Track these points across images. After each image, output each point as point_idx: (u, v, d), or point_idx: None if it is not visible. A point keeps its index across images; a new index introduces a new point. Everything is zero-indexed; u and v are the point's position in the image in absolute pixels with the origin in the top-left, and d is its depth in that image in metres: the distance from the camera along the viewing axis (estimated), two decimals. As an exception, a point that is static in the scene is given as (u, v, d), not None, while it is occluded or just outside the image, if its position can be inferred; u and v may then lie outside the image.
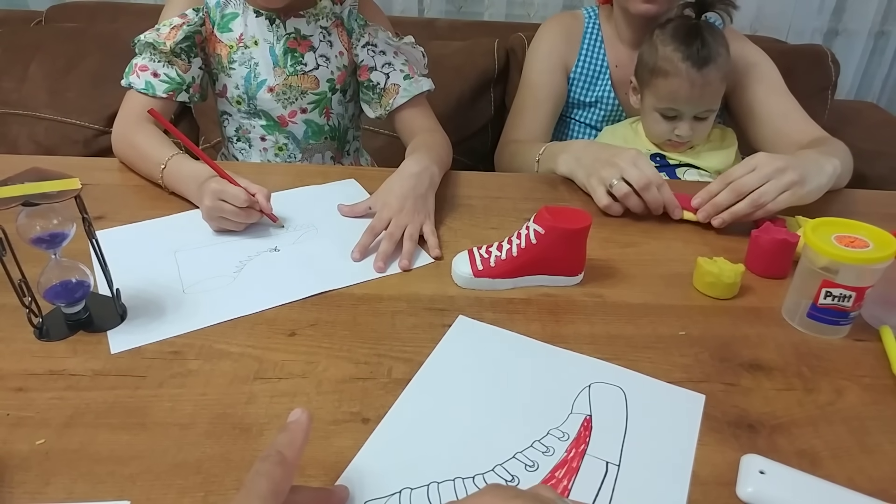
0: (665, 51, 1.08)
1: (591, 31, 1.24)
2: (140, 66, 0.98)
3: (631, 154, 0.88)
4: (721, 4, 1.13)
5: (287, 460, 0.41)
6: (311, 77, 1.05)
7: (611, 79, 1.23)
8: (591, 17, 1.25)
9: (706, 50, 1.06)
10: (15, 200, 0.55)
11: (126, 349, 0.62)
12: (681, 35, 1.08)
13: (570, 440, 0.53)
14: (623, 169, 0.87)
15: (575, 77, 1.25)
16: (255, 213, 0.81)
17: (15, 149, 1.53)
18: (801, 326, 0.69)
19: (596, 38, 1.24)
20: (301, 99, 1.06)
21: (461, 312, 0.68)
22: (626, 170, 0.87)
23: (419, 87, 1.07)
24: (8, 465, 0.49)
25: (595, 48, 1.24)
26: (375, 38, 1.06)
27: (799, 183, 0.82)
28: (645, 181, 0.86)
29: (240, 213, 0.79)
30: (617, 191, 0.87)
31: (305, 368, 0.60)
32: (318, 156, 1.14)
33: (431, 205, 0.85)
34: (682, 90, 1.07)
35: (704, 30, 1.08)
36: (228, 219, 0.79)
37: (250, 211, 0.80)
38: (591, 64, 1.24)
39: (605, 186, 0.89)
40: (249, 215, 0.80)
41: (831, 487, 0.49)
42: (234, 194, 0.78)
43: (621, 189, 0.87)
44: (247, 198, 0.78)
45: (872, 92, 2.14)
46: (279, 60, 1.03)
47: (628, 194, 0.87)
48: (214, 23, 1.02)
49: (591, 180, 0.91)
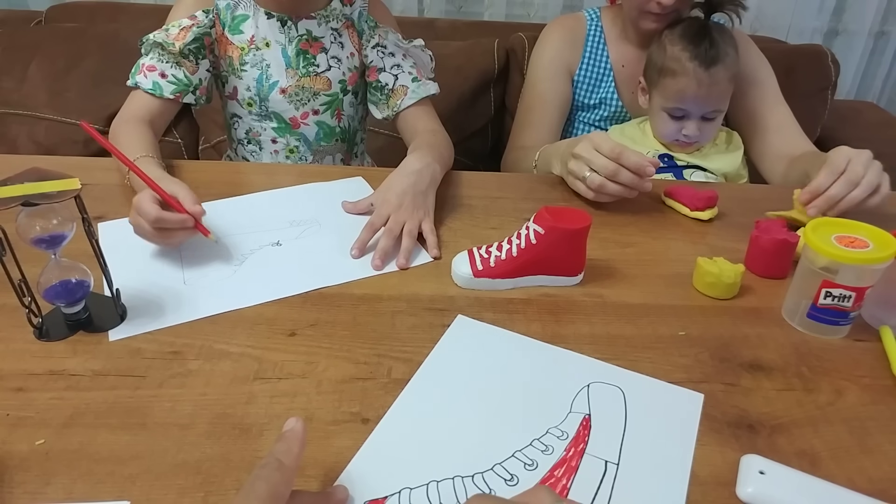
0: (673, 50, 1.08)
1: (593, 32, 1.24)
2: (148, 65, 0.98)
3: (587, 142, 0.87)
4: (730, 5, 1.13)
5: (285, 466, 0.41)
6: (323, 78, 1.06)
7: (614, 80, 1.23)
8: (592, 18, 1.25)
9: (714, 50, 1.06)
10: (15, 200, 0.55)
11: (125, 337, 0.63)
12: (689, 35, 1.08)
13: (569, 439, 0.53)
14: (588, 160, 0.86)
15: (579, 80, 1.25)
16: (178, 233, 0.72)
17: (15, 149, 1.53)
18: (801, 326, 0.69)
19: (599, 40, 1.24)
20: (313, 100, 1.06)
21: (461, 312, 0.68)
22: (592, 160, 0.86)
23: (427, 90, 1.07)
24: (8, 465, 0.49)
25: (598, 50, 1.24)
26: (385, 39, 1.06)
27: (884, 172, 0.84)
28: (612, 169, 0.84)
29: (153, 233, 0.70)
30: (591, 183, 0.86)
31: (305, 368, 0.60)
32: (328, 158, 1.14)
33: (431, 202, 0.85)
34: (690, 89, 1.07)
35: (713, 30, 1.09)
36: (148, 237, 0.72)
37: (169, 232, 0.71)
38: (594, 66, 1.24)
39: (581, 181, 0.88)
40: (168, 235, 0.71)
41: (831, 488, 0.49)
42: (146, 211, 0.69)
43: (594, 181, 0.86)
44: (157, 215, 0.69)
45: (872, 92, 2.14)
46: (292, 62, 1.03)
47: (602, 184, 0.85)
48: (225, 25, 1.02)
49: (568, 178, 0.92)
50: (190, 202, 0.73)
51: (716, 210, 0.90)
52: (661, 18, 1.12)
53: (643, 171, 0.84)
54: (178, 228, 0.72)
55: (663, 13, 1.10)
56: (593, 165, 0.86)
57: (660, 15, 1.11)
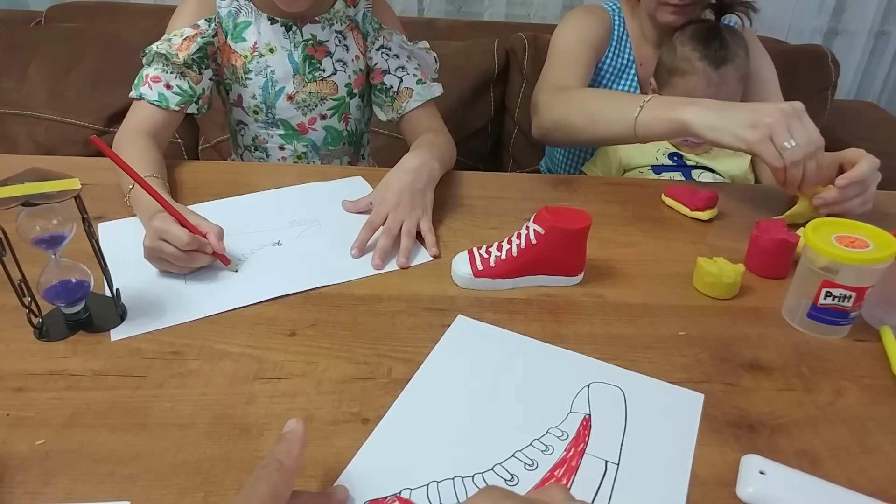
0: (683, 51, 1.08)
1: (617, 25, 1.21)
2: (152, 77, 0.96)
3: (798, 106, 0.79)
4: (741, 7, 1.13)
5: (286, 467, 0.42)
6: (329, 83, 1.05)
7: (637, 75, 1.22)
8: (614, 11, 1.22)
9: (724, 50, 1.06)
10: (15, 200, 0.55)
11: (125, 337, 0.63)
12: (700, 36, 1.08)
13: (569, 439, 0.53)
14: (793, 129, 0.77)
15: (603, 67, 1.21)
16: (201, 257, 0.71)
17: (15, 149, 1.53)
18: (801, 326, 0.69)
19: (623, 33, 1.22)
20: (321, 105, 1.06)
21: (461, 313, 0.68)
22: (794, 128, 0.77)
23: (431, 93, 1.07)
24: (8, 465, 0.49)
25: (622, 43, 1.22)
26: (390, 41, 1.05)
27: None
28: (813, 149, 0.77)
29: (181, 256, 0.69)
30: (790, 156, 0.77)
31: (305, 368, 0.60)
32: (336, 161, 1.14)
33: (430, 200, 0.85)
34: (699, 89, 1.07)
35: (724, 31, 1.09)
36: (169, 261, 0.70)
37: (195, 255, 0.70)
38: (618, 58, 1.22)
39: (774, 146, 0.77)
40: (194, 259, 0.71)
41: (831, 488, 0.49)
42: (177, 235, 0.68)
43: (795, 155, 0.76)
44: (191, 240, 0.69)
45: (872, 92, 2.14)
46: (299, 68, 1.02)
47: (797, 163, 0.77)
48: (227, 33, 1.00)
49: (748, 131, 0.79)
50: (215, 238, 0.72)
51: (716, 210, 0.90)
52: (679, 11, 1.09)
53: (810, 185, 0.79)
54: (199, 251, 0.71)
55: (681, 4, 1.08)
56: (797, 137, 0.77)
57: (678, 6, 1.08)
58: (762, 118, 0.78)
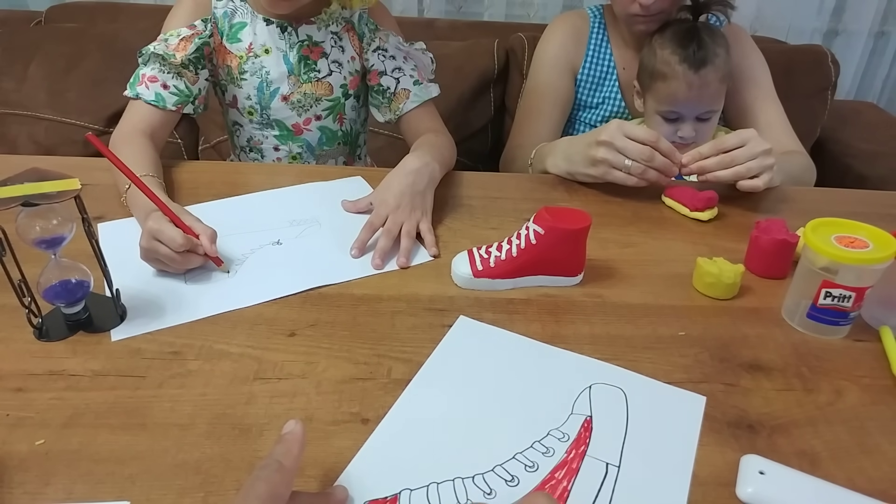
0: (663, 54, 1.08)
1: (596, 30, 1.23)
2: (149, 76, 0.96)
3: (616, 129, 0.88)
4: (717, 6, 1.13)
5: (285, 467, 0.42)
6: (325, 84, 1.05)
7: (618, 79, 1.23)
8: (595, 16, 1.24)
9: (703, 52, 1.06)
10: (15, 200, 0.55)
11: (125, 337, 0.63)
12: (678, 38, 1.08)
13: (570, 441, 0.53)
14: (622, 148, 0.87)
15: (582, 79, 1.25)
16: (194, 258, 0.72)
17: (15, 149, 1.53)
18: (801, 327, 0.69)
19: (602, 38, 1.23)
20: (316, 106, 1.06)
21: (461, 313, 0.68)
22: (626, 148, 0.87)
23: (428, 93, 1.07)
24: (8, 465, 0.49)
25: (602, 48, 1.23)
26: (386, 42, 1.05)
27: (774, 170, 0.89)
28: (649, 154, 0.87)
29: (175, 258, 0.69)
30: (635, 171, 0.88)
31: (305, 369, 0.60)
32: (331, 161, 1.14)
33: (429, 202, 0.85)
34: (681, 92, 1.07)
35: (702, 31, 1.08)
36: (164, 262, 0.71)
37: (189, 255, 0.71)
38: (598, 64, 1.24)
39: (620, 169, 0.89)
40: (188, 260, 0.71)
41: (831, 488, 0.49)
42: (171, 237, 0.69)
43: (638, 169, 0.87)
44: (184, 241, 0.69)
45: (872, 92, 2.13)
46: (294, 69, 1.02)
47: (644, 171, 0.88)
48: (223, 34, 1.00)
49: (595, 168, 0.91)
50: (207, 240, 0.72)
51: (716, 210, 0.90)
52: (648, 20, 1.11)
53: (674, 155, 0.88)
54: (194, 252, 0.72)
55: (648, 14, 1.10)
56: (629, 153, 0.87)
57: (646, 17, 1.11)
58: (594, 155, 0.90)
